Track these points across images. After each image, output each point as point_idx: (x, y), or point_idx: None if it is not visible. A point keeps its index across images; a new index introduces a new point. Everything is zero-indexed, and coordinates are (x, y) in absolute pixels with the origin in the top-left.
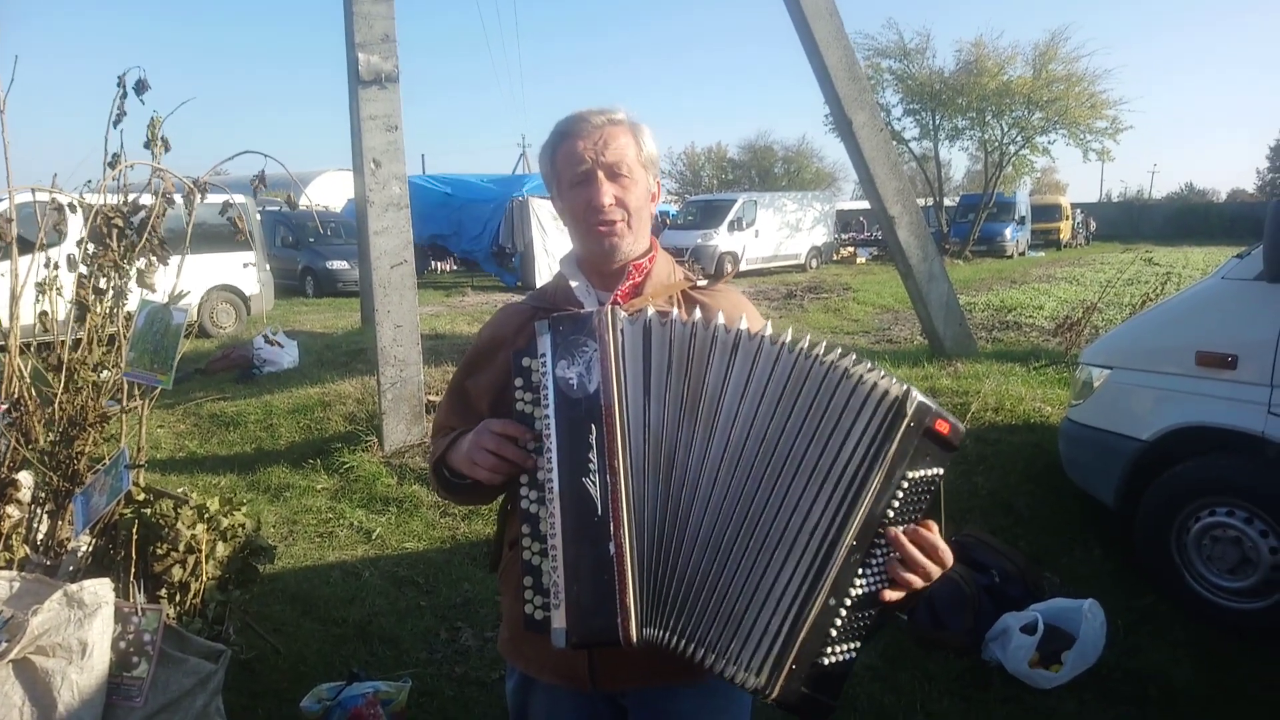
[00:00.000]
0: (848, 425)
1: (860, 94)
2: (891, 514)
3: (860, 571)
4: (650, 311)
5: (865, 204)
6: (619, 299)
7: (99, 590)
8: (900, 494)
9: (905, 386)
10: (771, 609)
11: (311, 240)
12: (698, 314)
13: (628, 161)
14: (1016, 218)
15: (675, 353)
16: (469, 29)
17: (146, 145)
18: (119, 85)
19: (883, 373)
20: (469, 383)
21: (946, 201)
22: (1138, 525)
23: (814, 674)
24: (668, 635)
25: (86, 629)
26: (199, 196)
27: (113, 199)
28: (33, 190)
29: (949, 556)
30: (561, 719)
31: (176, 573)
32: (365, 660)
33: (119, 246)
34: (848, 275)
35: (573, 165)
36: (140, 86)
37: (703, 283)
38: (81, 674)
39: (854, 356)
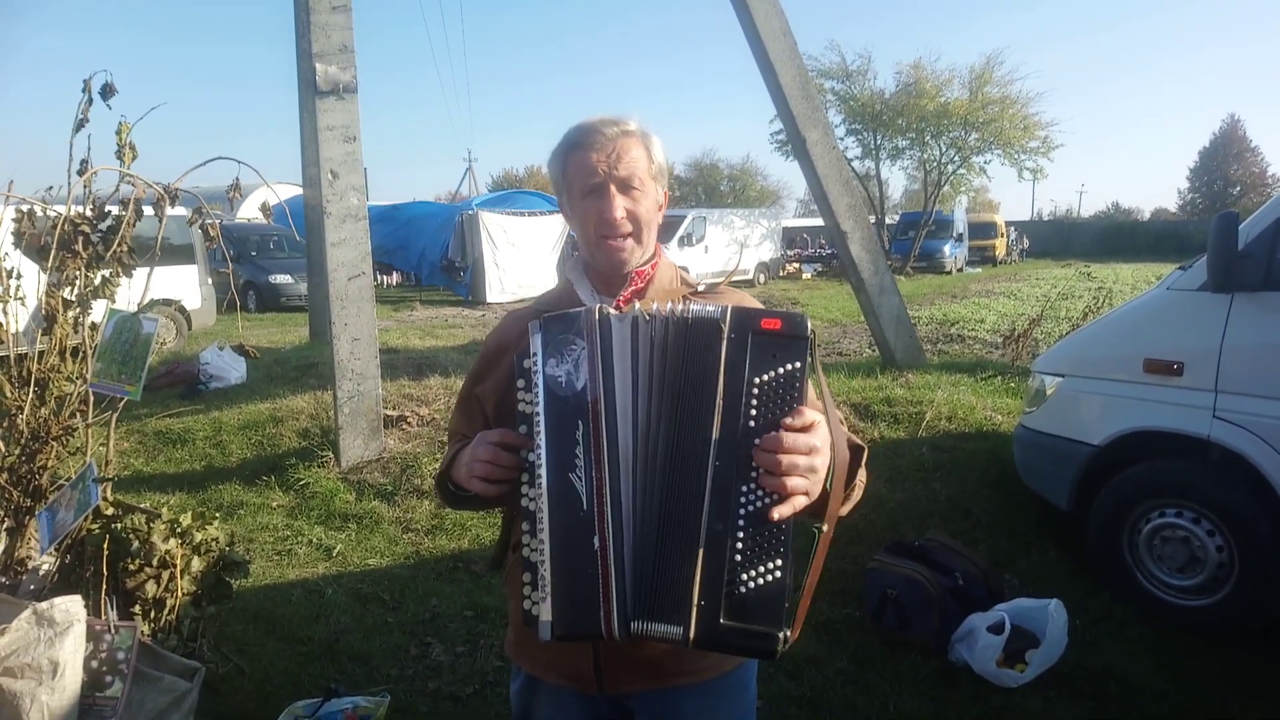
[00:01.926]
0: (694, 361)
1: (813, 112)
2: (753, 423)
3: (743, 489)
4: (637, 307)
5: (809, 221)
6: (620, 304)
7: (70, 608)
8: (755, 401)
9: (724, 306)
10: (671, 553)
11: (254, 254)
12: (676, 306)
13: (639, 174)
14: (955, 235)
15: (656, 345)
16: (414, 43)
17: (117, 154)
18: (84, 91)
19: (719, 305)
20: (477, 389)
21: (887, 219)
22: (1091, 527)
23: (731, 605)
24: (657, 626)
25: (57, 648)
26: (168, 204)
27: (78, 206)
28: None
29: (810, 441)
30: None
31: (150, 589)
32: (335, 678)
33: (86, 254)
34: (795, 290)
35: (585, 176)
36: (106, 91)
37: (703, 287)
38: (52, 695)
39: (702, 307)
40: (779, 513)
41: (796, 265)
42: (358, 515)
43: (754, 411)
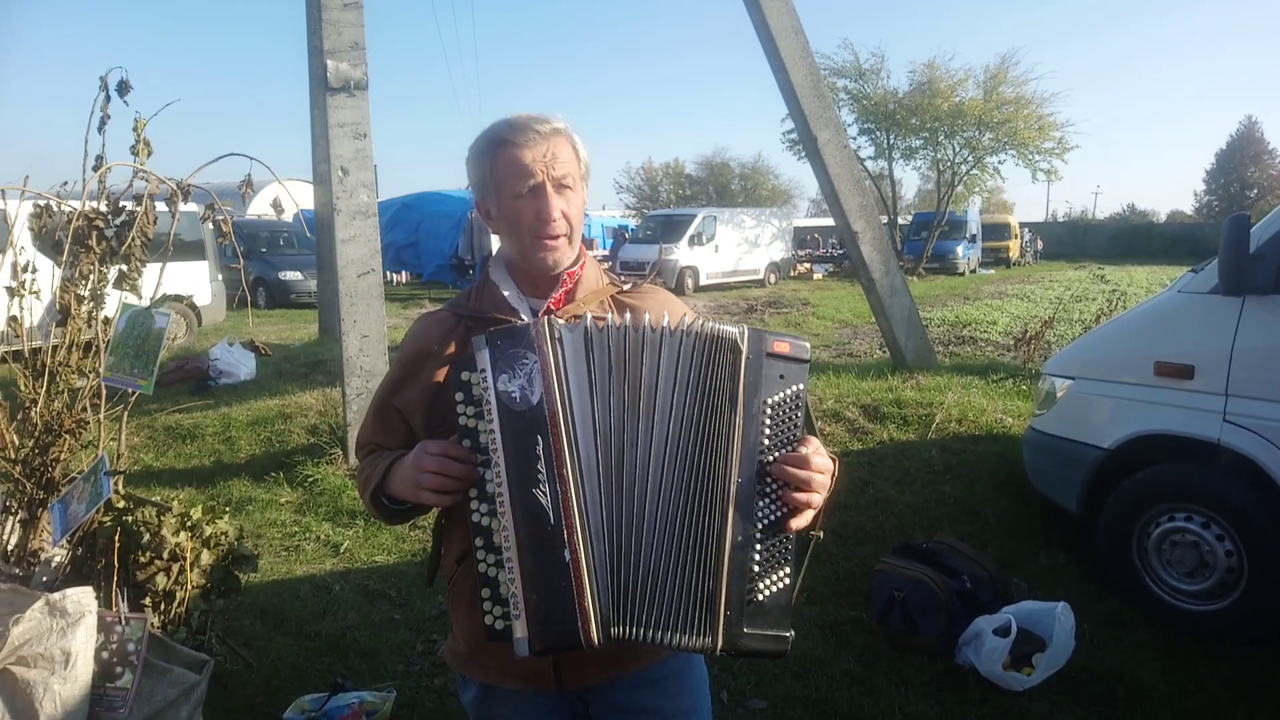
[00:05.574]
0: (710, 379)
1: (825, 111)
2: (766, 441)
3: (760, 504)
4: (589, 318)
5: (821, 221)
6: (552, 306)
7: (82, 599)
8: (768, 421)
9: (740, 327)
10: (695, 567)
11: (264, 250)
12: (628, 317)
13: (572, 174)
14: (968, 236)
15: (614, 355)
16: (426, 41)
17: (132, 149)
18: (101, 87)
19: (728, 325)
20: (396, 400)
21: (900, 219)
22: (1100, 531)
23: (751, 612)
24: (634, 630)
25: (69, 639)
26: (181, 200)
27: (92, 202)
28: (2, 191)
29: (824, 463)
30: None
31: (160, 581)
32: (341, 673)
33: (100, 249)
34: (805, 290)
35: (519, 177)
36: (122, 87)
37: (629, 286)
38: (64, 685)
39: (717, 325)
40: (796, 524)
41: (807, 265)
42: (365, 512)
43: (767, 430)
